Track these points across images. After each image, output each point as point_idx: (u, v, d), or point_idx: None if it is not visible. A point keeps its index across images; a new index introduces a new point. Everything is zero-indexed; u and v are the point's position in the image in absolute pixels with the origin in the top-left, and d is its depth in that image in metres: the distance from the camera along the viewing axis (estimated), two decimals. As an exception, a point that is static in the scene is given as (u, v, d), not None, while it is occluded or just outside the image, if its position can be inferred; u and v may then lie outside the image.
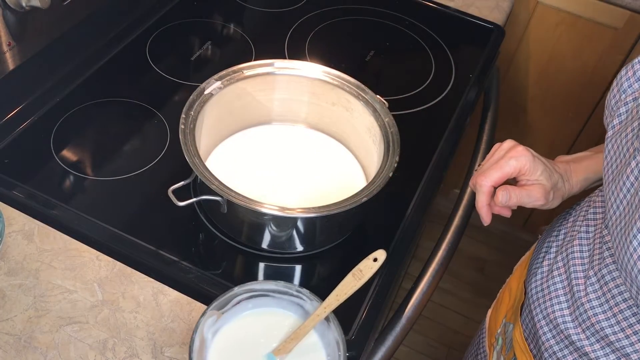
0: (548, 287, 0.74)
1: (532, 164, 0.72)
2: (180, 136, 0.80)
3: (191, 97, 0.85)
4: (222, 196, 0.75)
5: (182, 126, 0.81)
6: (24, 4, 0.87)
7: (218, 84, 0.87)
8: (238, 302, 0.70)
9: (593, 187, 0.80)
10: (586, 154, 0.80)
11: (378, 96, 0.88)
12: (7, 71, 0.92)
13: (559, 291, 0.72)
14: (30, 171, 0.89)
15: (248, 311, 0.71)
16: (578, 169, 0.78)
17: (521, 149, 0.73)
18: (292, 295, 0.70)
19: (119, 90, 1.03)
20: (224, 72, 0.88)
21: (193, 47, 1.14)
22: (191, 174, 0.81)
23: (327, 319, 0.69)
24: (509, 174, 0.73)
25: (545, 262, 0.78)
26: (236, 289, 0.68)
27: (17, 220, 0.83)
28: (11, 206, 0.84)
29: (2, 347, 0.71)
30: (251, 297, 0.70)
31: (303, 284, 0.85)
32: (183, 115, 0.82)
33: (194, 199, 0.78)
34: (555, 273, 0.74)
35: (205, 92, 0.86)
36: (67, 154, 0.92)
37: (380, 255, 0.73)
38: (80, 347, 0.72)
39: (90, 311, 0.75)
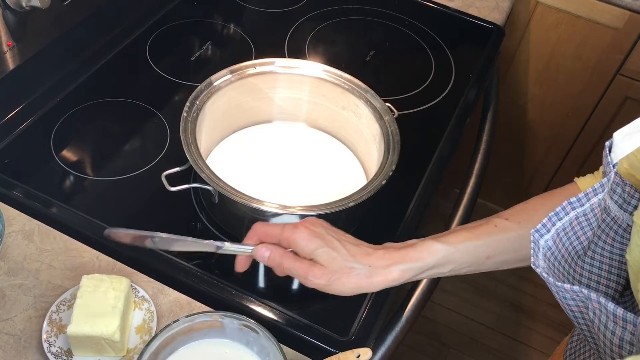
0: (579, 349, 0.72)
1: (305, 241, 0.65)
2: (181, 124, 0.80)
3: (198, 87, 0.85)
4: (211, 185, 0.75)
5: (185, 114, 0.81)
6: (24, 4, 0.87)
7: (228, 75, 0.88)
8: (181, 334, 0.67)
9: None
10: (412, 242, 0.69)
11: (387, 104, 0.89)
12: (7, 71, 0.92)
13: (590, 357, 0.69)
14: (30, 171, 0.89)
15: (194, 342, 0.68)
16: (399, 255, 0.67)
17: (300, 225, 0.66)
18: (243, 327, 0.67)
19: (119, 90, 1.03)
20: (232, 68, 0.89)
21: (193, 47, 1.14)
22: (187, 162, 0.81)
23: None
24: (273, 234, 0.67)
25: (579, 337, 0.75)
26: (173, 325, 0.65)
27: (17, 220, 0.83)
28: (11, 206, 0.84)
29: (2, 347, 0.71)
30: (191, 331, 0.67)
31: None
32: (187, 104, 0.82)
33: (186, 185, 0.78)
34: (587, 348, 0.71)
35: (214, 84, 0.86)
36: (67, 154, 0.92)
37: (365, 353, 0.68)
38: (80, 347, 0.72)
39: (90, 311, 0.75)
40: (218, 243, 0.68)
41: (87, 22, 1.04)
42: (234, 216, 0.83)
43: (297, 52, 1.16)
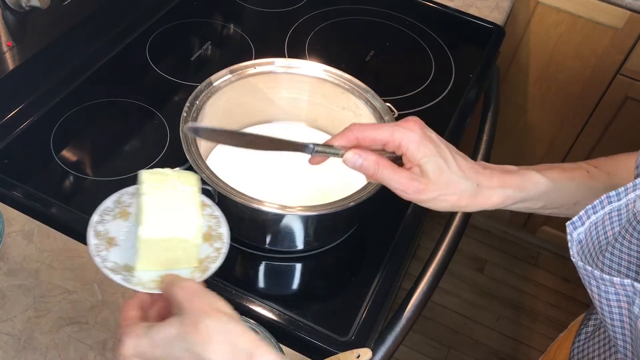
0: (588, 347, 0.71)
1: (416, 145, 0.58)
2: (181, 124, 0.80)
3: (198, 87, 0.85)
4: (211, 185, 0.75)
5: (185, 114, 0.81)
6: (23, 4, 0.87)
7: (228, 75, 0.88)
8: None
9: (518, 208, 0.66)
10: (511, 167, 0.66)
11: (387, 104, 0.89)
12: (7, 71, 0.92)
13: (600, 356, 0.68)
14: (30, 171, 0.88)
15: None
16: (502, 178, 0.63)
17: (413, 125, 0.59)
18: None
19: (119, 90, 1.03)
20: (232, 68, 0.89)
21: (193, 47, 1.14)
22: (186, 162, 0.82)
23: None
24: (380, 139, 0.59)
25: (591, 322, 0.74)
26: None
27: (17, 220, 0.83)
28: (11, 206, 0.84)
29: (2, 347, 0.71)
30: None
31: (303, 283, 0.85)
32: (187, 104, 0.82)
33: None
34: (597, 334, 0.70)
35: (214, 84, 0.86)
36: (67, 154, 0.92)
37: (365, 353, 0.67)
38: (80, 347, 0.72)
39: (90, 311, 0.75)
40: (309, 144, 0.60)
41: (87, 22, 1.04)
42: (233, 216, 0.83)
43: (297, 52, 1.16)
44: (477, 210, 0.63)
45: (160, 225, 0.55)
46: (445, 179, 0.59)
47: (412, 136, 0.58)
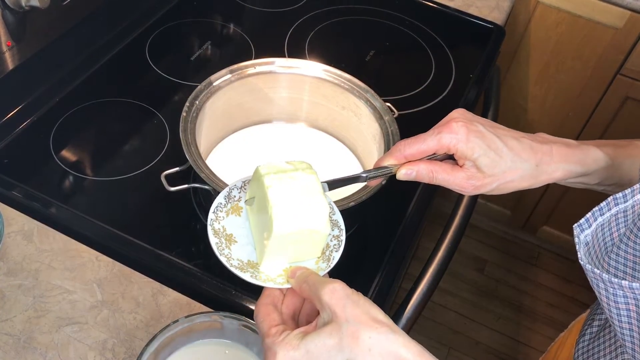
0: (593, 348, 0.71)
1: (464, 144, 0.59)
2: (180, 124, 0.80)
3: (198, 87, 0.85)
4: (210, 185, 0.75)
5: (185, 114, 0.81)
6: (23, 4, 0.87)
7: (228, 75, 0.88)
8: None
9: (577, 183, 0.67)
10: (572, 141, 0.67)
11: (387, 103, 0.89)
12: (7, 71, 0.92)
13: (605, 356, 0.68)
14: (30, 171, 0.88)
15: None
16: (564, 153, 0.64)
17: (456, 126, 0.59)
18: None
19: (119, 90, 1.03)
20: (232, 68, 0.89)
21: (193, 47, 1.14)
22: (186, 162, 0.82)
23: None
24: (428, 150, 0.61)
25: (596, 323, 0.74)
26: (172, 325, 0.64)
27: (17, 220, 0.82)
28: (11, 206, 0.84)
29: (2, 347, 0.71)
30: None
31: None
32: (187, 104, 0.82)
33: (185, 185, 0.78)
34: (602, 334, 0.70)
35: (214, 84, 0.86)
36: (67, 154, 0.92)
37: None
38: (79, 347, 0.72)
39: (89, 311, 0.75)
40: (362, 174, 0.62)
41: (86, 22, 1.03)
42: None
43: (297, 52, 1.16)
44: (542, 185, 0.64)
45: (292, 219, 0.54)
46: (500, 169, 0.60)
47: (459, 137, 0.59)
